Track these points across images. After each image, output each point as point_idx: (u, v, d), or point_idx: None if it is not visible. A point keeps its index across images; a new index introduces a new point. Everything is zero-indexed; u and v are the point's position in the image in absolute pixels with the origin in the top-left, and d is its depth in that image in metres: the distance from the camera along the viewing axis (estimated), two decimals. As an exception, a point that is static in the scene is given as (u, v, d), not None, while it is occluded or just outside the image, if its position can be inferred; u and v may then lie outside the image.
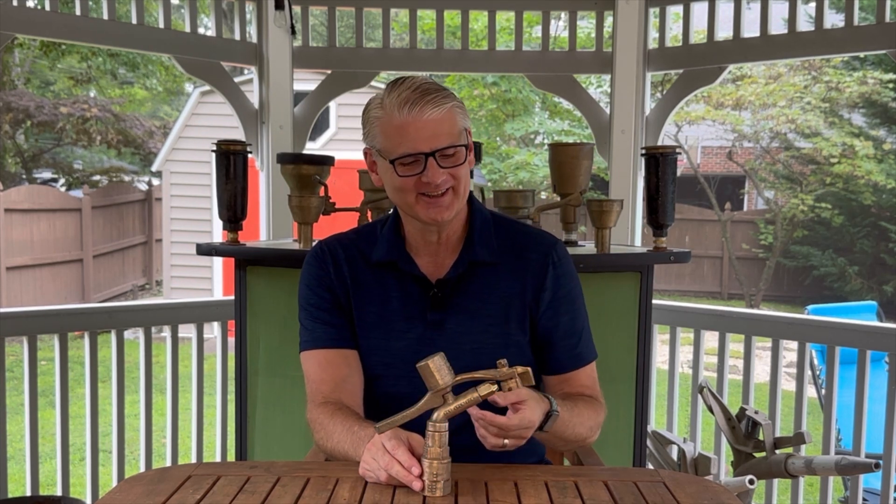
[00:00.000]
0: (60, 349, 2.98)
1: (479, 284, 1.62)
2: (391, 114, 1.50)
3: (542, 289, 1.63)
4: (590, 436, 1.60)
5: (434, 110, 1.48)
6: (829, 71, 12.24)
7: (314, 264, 1.68)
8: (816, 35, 3.15)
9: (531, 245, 1.66)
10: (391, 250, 1.64)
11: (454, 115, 1.52)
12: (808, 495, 4.56)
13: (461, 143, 1.53)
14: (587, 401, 1.62)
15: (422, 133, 1.49)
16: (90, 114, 13.12)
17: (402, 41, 9.56)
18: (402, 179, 1.52)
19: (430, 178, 1.50)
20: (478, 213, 1.66)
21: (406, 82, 1.52)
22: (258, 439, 2.57)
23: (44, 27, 3.03)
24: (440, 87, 1.52)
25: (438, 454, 1.32)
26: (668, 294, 13.19)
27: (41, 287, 10.49)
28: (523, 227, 1.72)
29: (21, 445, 3.78)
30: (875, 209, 12.98)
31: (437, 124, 1.49)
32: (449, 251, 1.64)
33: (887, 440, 2.91)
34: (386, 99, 1.51)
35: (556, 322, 1.64)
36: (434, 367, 1.32)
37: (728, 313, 3.29)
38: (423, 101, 1.48)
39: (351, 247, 1.68)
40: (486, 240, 1.64)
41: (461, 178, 1.54)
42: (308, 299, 1.66)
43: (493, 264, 1.63)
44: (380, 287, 1.64)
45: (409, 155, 1.50)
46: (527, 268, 1.64)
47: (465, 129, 1.55)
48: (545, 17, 3.63)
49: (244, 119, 3.50)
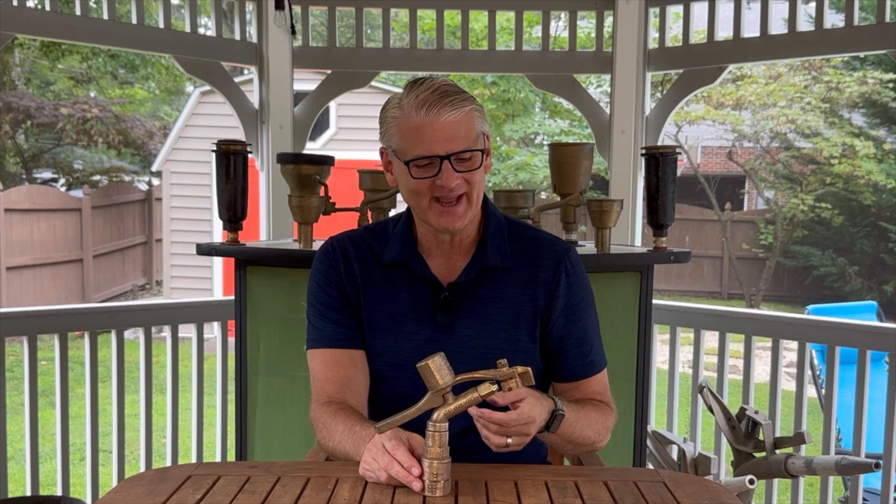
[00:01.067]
0: (60, 349, 2.98)
1: (490, 289, 1.61)
2: (408, 114, 1.49)
3: (554, 296, 1.62)
4: (598, 440, 1.59)
5: (451, 113, 1.47)
6: (829, 71, 12.24)
7: (325, 261, 1.66)
8: (816, 35, 3.15)
9: (544, 252, 1.65)
10: (403, 251, 1.62)
11: (472, 119, 1.51)
12: (808, 495, 4.56)
13: (477, 148, 1.51)
14: (595, 405, 1.62)
15: (438, 135, 1.47)
16: (91, 114, 13.12)
17: (402, 41, 9.57)
18: (417, 182, 1.51)
19: (444, 181, 1.49)
20: (492, 218, 1.64)
21: (425, 83, 1.51)
22: (258, 439, 2.57)
23: (44, 27, 3.03)
24: (459, 90, 1.51)
25: (438, 454, 1.32)
26: (668, 294, 13.19)
27: (41, 287, 10.49)
28: (537, 232, 1.70)
29: (21, 445, 3.78)
30: (875, 209, 12.99)
31: (455, 127, 1.48)
32: (461, 254, 1.62)
33: (887, 440, 2.91)
34: (404, 99, 1.50)
35: (569, 330, 1.63)
36: (434, 367, 1.32)
37: (728, 313, 3.29)
38: (441, 103, 1.47)
39: (362, 245, 1.67)
40: (499, 245, 1.62)
41: (475, 183, 1.53)
42: (317, 297, 1.65)
43: (505, 269, 1.62)
44: (390, 287, 1.63)
45: (425, 157, 1.49)
46: (539, 275, 1.62)
47: (483, 133, 1.54)
48: (545, 17, 3.63)
49: (244, 119, 3.50)
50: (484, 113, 1.56)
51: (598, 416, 1.59)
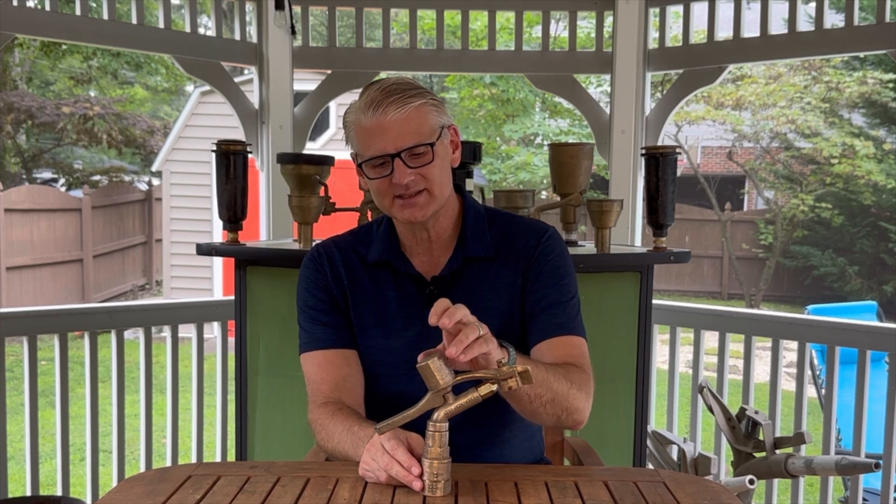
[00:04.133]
0: (60, 349, 2.98)
1: (474, 279, 1.62)
2: (359, 117, 1.50)
3: (529, 268, 1.61)
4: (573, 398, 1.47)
5: (398, 111, 1.48)
6: (829, 71, 12.24)
7: (310, 267, 1.68)
8: (816, 35, 3.16)
9: (522, 231, 1.65)
10: (386, 250, 1.64)
11: (423, 114, 1.50)
12: (808, 495, 4.56)
13: (428, 142, 1.50)
14: (565, 367, 1.51)
15: (387, 134, 1.48)
16: (93, 112, 13.13)
17: (402, 41, 9.56)
18: (376, 182, 1.52)
19: (396, 178, 1.49)
20: (470, 209, 1.65)
21: (375, 84, 1.52)
22: (258, 439, 2.57)
23: (44, 27, 3.03)
24: (409, 87, 1.51)
25: (439, 454, 1.32)
26: (668, 294, 13.19)
27: (41, 287, 10.49)
28: (517, 218, 1.70)
29: (21, 445, 3.78)
30: (875, 209, 12.99)
31: (403, 124, 1.48)
32: (443, 248, 1.63)
33: (887, 440, 2.91)
34: (357, 103, 1.53)
35: (542, 295, 1.60)
36: (434, 368, 1.32)
37: (728, 313, 3.29)
38: (386, 101, 1.48)
39: (347, 248, 1.68)
40: (479, 234, 1.63)
41: (433, 178, 1.52)
42: (306, 301, 1.66)
43: (488, 259, 1.62)
44: (376, 287, 1.64)
45: (377, 157, 1.50)
46: (520, 254, 1.62)
47: (442, 126, 1.54)
48: (545, 17, 3.63)
49: (244, 119, 3.50)
50: (441, 106, 1.55)
51: (570, 375, 1.49)
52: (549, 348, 1.57)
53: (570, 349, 1.58)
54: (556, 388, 1.45)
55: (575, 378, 1.50)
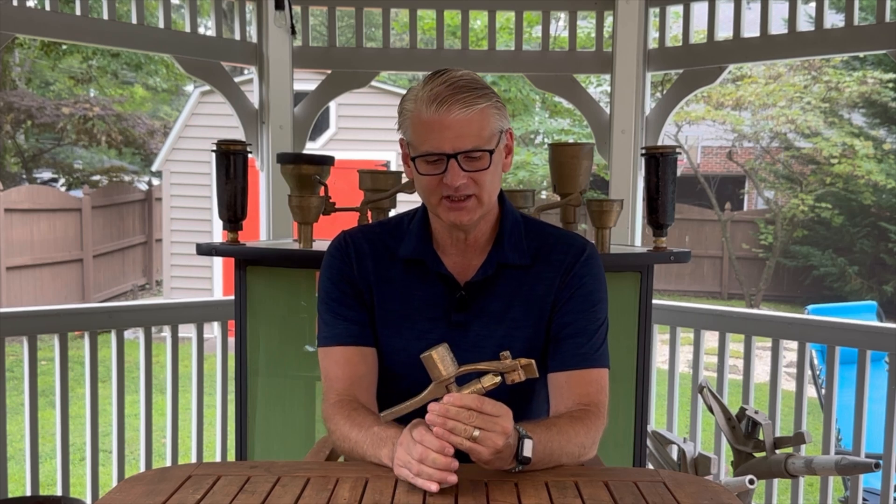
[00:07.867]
0: (60, 349, 2.98)
1: (506, 287, 1.58)
2: (420, 108, 1.45)
3: (563, 287, 1.58)
4: (583, 453, 1.49)
5: (462, 111, 1.43)
6: (829, 71, 12.24)
7: (337, 257, 1.63)
8: (816, 35, 3.15)
9: (561, 247, 1.61)
10: (419, 247, 1.59)
11: (486, 117, 1.46)
12: (808, 495, 4.56)
13: (487, 148, 1.46)
14: (573, 416, 1.50)
15: (448, 133, 1.44)
16: (92, 112, 13.13)
17: (402, 41, 9.55)
18: (426, 179, 1.49)
19: (449, 180, 1.45)
20: (509, 215, 1.61)
21: (442, 76, 1.47)
22: (258, 439, 2.57)
23: (44, 27, 3.03)
24: (477, 86, 1.47)
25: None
26: (668, 294, 13.19)
27: (41, 287, 10.49)
28: (555, 229, 1.66)
29: (21, 445, 3.78)
30: (875, 209, 12.99)
31: (465, 125, 1.44)
32: (477, 251, 1.59)
33: (887, 440, 2.91)
34: (420, 92, 1.47)
35: (571, 320, 1.57)
36: (437, 358, 1.32)
37: (728, 313, 3.29)
38: (453, 99, 1.43)
39: (376, 241, 1.63)
40: (515, 242, 1.59)
41: (484, 184, 1.48)
42: (329, 293, 1.62)
43: (522, 267, 1.58)
44: (404, 284, 1.60)
45: (433, 154, 1.46)
46: (554, 270, 1.58)
47: (501, 131, 1.50)
48: (545, 17, 3.63)
49: (244, 119, 3.50)
50: (504, 108, 1.51)
51: (578, 428, 1.47)
52: (568, 382, 1.56)
53: (587, 386, 1.56)
54: (563, 458, 1.45)
55: (584, 429, 1.48)
